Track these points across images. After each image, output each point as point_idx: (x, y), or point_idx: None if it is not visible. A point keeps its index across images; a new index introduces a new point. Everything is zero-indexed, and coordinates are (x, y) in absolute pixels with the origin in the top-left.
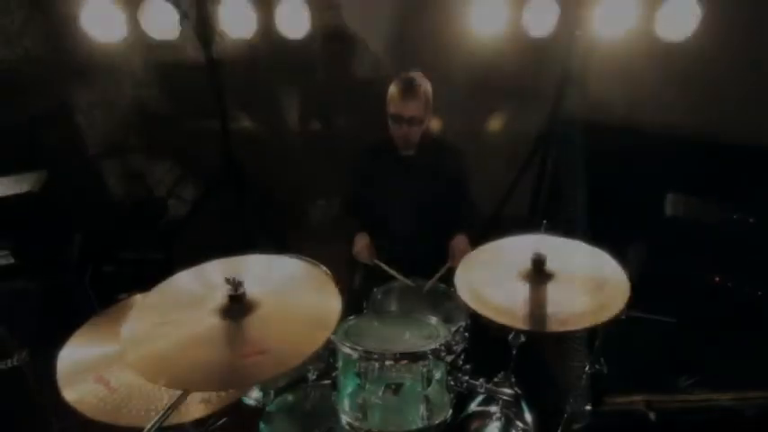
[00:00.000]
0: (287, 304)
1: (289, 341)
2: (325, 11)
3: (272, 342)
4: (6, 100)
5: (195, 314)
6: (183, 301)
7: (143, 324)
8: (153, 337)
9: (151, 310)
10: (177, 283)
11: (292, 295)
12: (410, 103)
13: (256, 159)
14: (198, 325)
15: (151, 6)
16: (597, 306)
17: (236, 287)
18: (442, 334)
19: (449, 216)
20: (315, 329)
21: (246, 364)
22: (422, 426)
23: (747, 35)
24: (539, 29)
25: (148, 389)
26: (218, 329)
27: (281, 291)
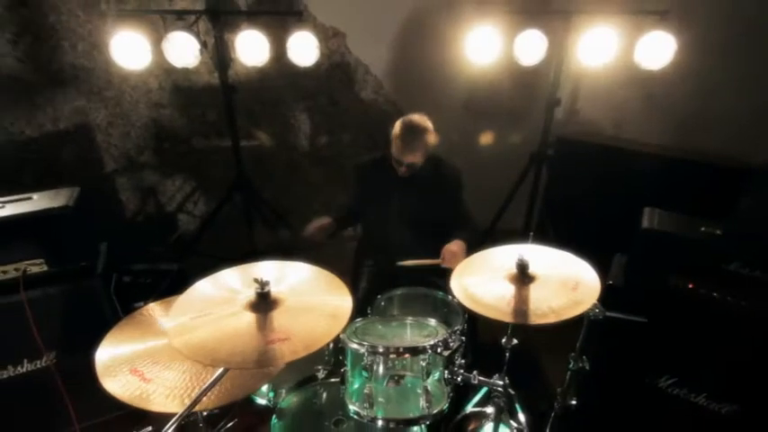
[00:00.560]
0: (305, 301)
1: (308, 331)
2: (331, 39)
3: (293, 331)
4: (32, 118)
5: (229, 309)
6: (216, 299)
7: (183, 317)
8: (193, 327)
9: (187, 307)
10: (204, 286)
11: (309, 293)
12: (410, 155)
13: (264, 175)
14: (232, 317)
15: (174, 37)
16: (572, 303)
17: (263, 286)
18: (440, 332)
19: (444, 229)
20: (330, 321)
21: (273, 348)
22: (422, 414)
23: (720, 62)
24: (529, 58)
25: (178, 379)
26: (249, 321)
27: (299, 290)
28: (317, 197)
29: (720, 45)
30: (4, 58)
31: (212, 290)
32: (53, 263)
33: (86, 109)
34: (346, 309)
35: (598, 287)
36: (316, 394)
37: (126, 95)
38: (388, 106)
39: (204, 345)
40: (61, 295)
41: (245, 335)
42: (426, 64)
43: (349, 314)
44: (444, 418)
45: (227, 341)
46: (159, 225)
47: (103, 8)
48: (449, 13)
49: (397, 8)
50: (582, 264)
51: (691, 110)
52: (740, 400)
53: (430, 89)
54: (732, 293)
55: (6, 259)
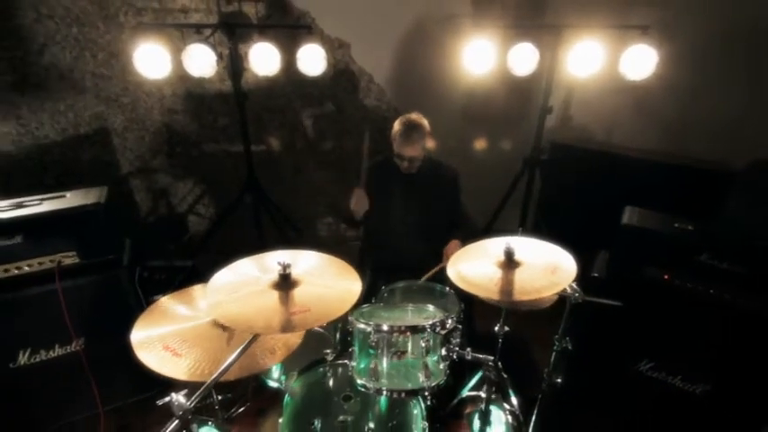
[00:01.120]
0: (320, 282)
1: (324, 305)
2: (337, 50)
3: (312, 305)
4: (55, 123)
5: (256, 288)
6: (243, 282)
7: (219, 296)
8: (228, 302)
9: (219, 289)
10: (227, 273)
11: (323, 276)
12: (409, 148)
13: (272, 178)
14: (259, 295)
15: (193, 49)
16: (551, 284)
17: (285, 268)
18: (438, 315)
19: (444, 225)
20: (343, 298)
21: (296, 318)
22: (421, 386)
23: (699, 73)
24: (522, 69)
25: (204, 355)
26: (274, 297)
27: (315, 273)
28: (322, 199)
29: (698, 57)
30: (31, 66)
31: (234, 276)
32: (84, 255)
33: (105, 114)
34: (356, 288)
35: (575, 270)
36: (325, 375)
37: (141, 102)
38: (391, 113)
39: (239, 316)
40: (91, 285)
41: (271, 308)
42: (426, 73)
43: (359, 293)
44: (442, 403)
45: (256, 313)
46: (171, 225)
47: (122, 20)
48: (447, 26)
49: (399, 21)
50: (562, 252)
51: (674, 117)
52: (712, 380)
53: (430, 97)
54: (703, 283)
55: (43, 251)
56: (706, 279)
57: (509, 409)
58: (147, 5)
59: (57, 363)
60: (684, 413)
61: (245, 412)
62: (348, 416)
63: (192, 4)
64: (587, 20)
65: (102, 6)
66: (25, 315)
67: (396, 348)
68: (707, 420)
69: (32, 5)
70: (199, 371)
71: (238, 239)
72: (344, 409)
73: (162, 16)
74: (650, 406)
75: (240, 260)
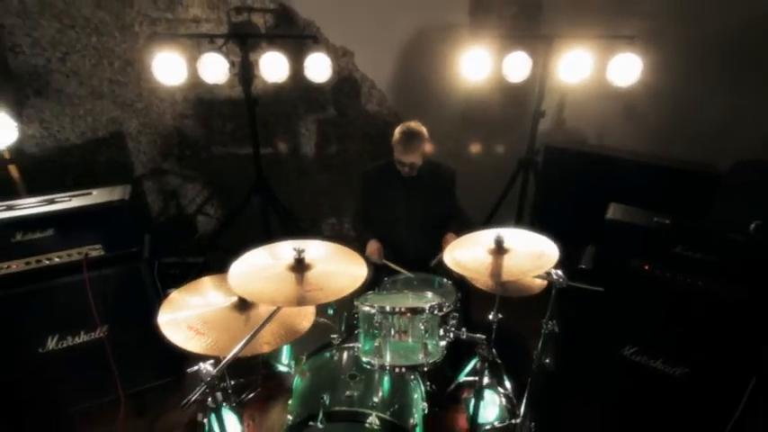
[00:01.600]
0: (330, 265)
1: (334, 284)
2: (341, 57)
3: (324, 284)
4: (75, 126)
5: (274, 271)
6: (261, 266)
7: (242, 277)
8: (250, 281)
9: (241, 273)
10: (243, 261)
11: (332, 261)
12: (409, 155)
13: (278, 180)
14: (277, 276)
15: (207, 57)
16: (535, 267)
17: (299, 253)
18: (436, 300)
19: (443, 220)
20: (351, 279)
21: (310, 294)
22: (420, 363)
23: (683, 79)
24: (516, 76)
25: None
26: (290, 278)
27: (325, 259)
28: (326, 200)
29: (683, 65)
30: (54, 73)
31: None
32: (109, 248)
33: (120, 119)
34: (362, 272)
35: (557, 255)
36: (332, 357)
37: (154, 107)
38: (392, 118)
39: (262, 293)
40: (114, 276)
41: (288, 287)
42: (426, 80)
43: (365, 275)
44: (441, 388)
45: (276, 290)
46: (180, 225)
47: (137, 30)
48: (446, 35)
49: (400, 30)
50: (546, 240)
51: (661, 121)
52: (690, 363)
53: (430, 102)
54: (680, 273)
55: (72, 244)
56: (682, 269)
57: (503, 392)
58: (161, 16)
59: (82, 348)
60: (665, 395)
61: (255, 398)
62: (354, 391)
63: (203, 15)
64: (577, 30)
65: (118, 17)
66: (54, 303)
67: (398, 329)
68: (686, 401)
69: (56, 16)
70: (219, 347)
71: (246, 238)
72: (351, 385)
73: (175, 26)
74: (634, 389)
75: (256, 249)
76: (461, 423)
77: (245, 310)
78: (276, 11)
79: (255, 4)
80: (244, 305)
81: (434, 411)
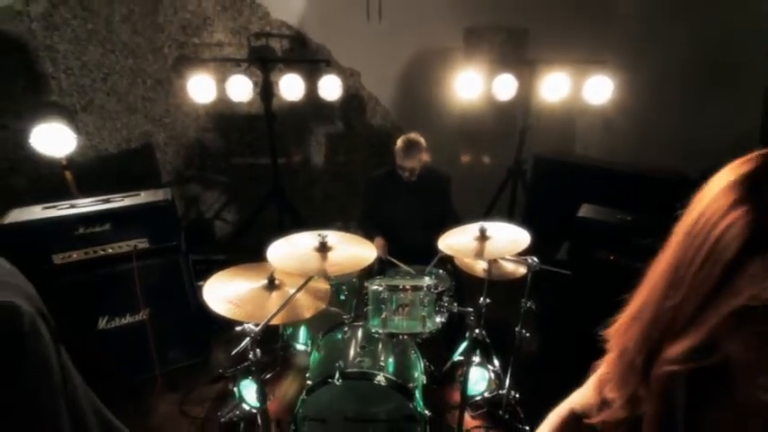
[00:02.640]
0: (347, 248)
1: (351, 260)
2: (349, 77)
3: (342, 261)
4: (112, 138)
5: (302, 252)
6: (291, 250)
7: (277, 258)
8: (286, 259)
9: (276, 255)
10: (279, 247)
11: (347, 245)
12: (409, 161)
13: (291, 187)
14: (305, 255)
15: (234, 79)
16: (510, 249)
17: (323, 238)
18: (432, 282)
19: (439, 219)
20: (363, 257)
21: (333, 268)
22: (420, 331)
23: (649, 97)
24: (504, 95)
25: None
26: (317, 257)
27: (341, 243)
28: (334, 205)
29: (648, 84)
30: (97, 92)
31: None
32: (154, 242)
33: (151, 132)
34: (371, 253)
35: (528, 240)
36: (344, 333)
37: (179, 121)
38: (394, 131)
39: (296, 267)
40: (157, 266)
41: (315, 262)
42: (425, 97)
43: (374, 256)
44: (438, 367)
45: (305, 265)
46: (200, 229)
47: (166, 51)
48: (443, 58)
49: (403, 54)
50: (520, 230)
51: (635, 133)
52: None
53: (429, 117)
54: (638, 261)
55: (123, 237)
56: (641, 257)
57: (492, 369)
58: (188, 40)
59: (127, 329)
60: None
61: (275, 376)
62: (364, 358)
63: (226, 39)
64: (555, 56)
65: (151, 41)
66: (107, 288)
67: (401, 302)
68: None
69: (101, 42)
70: (255, 316)
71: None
72: (361, 354)
73: (201, 49)
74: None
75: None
76: (456, 396)
77: (273, 289)
78: (291, 36)
79: (273, 30)
80: (271, 286)
81: (433, 387)
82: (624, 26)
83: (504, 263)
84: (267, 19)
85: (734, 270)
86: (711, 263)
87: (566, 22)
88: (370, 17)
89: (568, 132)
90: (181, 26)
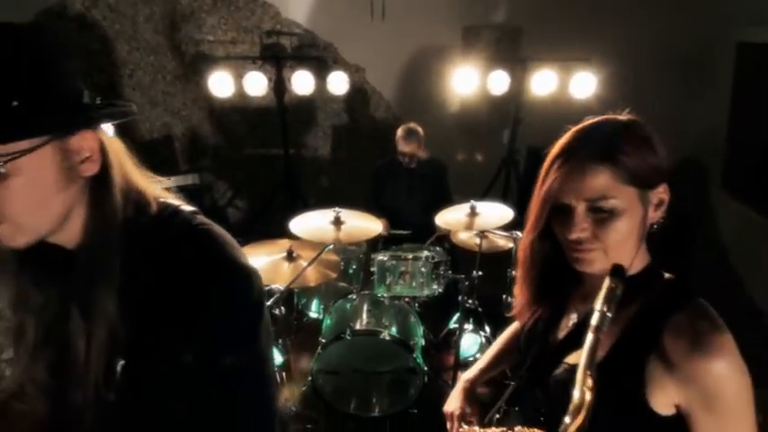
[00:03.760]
0: (357, 221)
1: (360, 231)
2: (354, 73)
3: (353, 231)
4: (137, 130)
5: (322, 224)
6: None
7: (301, 229)
8: (307, 230)
9: (300, 226)
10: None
11: (357, 219)
12: (407, 146)
13: (302, 175)
14: (324, 227)
15: (251, 75)
16: (496, 223)
17: (337, 213)
18: (431, 253)
19: (436, 205)
20: (370, 228)
21: (345, 237)
22: (418, 294)
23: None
24: (497, 90)
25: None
26: (332, 228)
27: (352, 218)
28: (340, 193)
29: (628, 79)
30: (124, 87)
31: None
32: None
33: (170, 124)
34: (378, 226)
35: (511, 215)
36: (353, 300)
37: (195, 114)
38: (396, 123)
39: (314, 235)
40: None
41: (331, 232)
42: (426, 91)
43: (381, 228)
44: (435, 334)
45: (323, 234)
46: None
47: (183, 49)
48: (442, 55)
49: (405, 51)
50: (506, 207)
51: None
52: None
53: (428, 110)
54: None
55: None
56: None
57: (483, 334)
58: (203, 38)
59: None
60: None
61: (290, 341)
62: (371, 319)
63: (239, 37)
64: (544, 54)
65: (171, 39)
66: None
67: (403, 269)
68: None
69: (127, 41)
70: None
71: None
72: (369, 316)
73: (215, 46)
74: None
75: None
76: (451, 359)
77: (291, 261)
78: (300, 35)
79: (283, 28)
80: (290, 257)
81: (431, 353)
82: (608, 26)
83: (494, 238)
84: (278, 18)
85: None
86: (543, 202)
87: (557, 21)
88: (374, 16)
89: (560, 126)
90: (197, 25)
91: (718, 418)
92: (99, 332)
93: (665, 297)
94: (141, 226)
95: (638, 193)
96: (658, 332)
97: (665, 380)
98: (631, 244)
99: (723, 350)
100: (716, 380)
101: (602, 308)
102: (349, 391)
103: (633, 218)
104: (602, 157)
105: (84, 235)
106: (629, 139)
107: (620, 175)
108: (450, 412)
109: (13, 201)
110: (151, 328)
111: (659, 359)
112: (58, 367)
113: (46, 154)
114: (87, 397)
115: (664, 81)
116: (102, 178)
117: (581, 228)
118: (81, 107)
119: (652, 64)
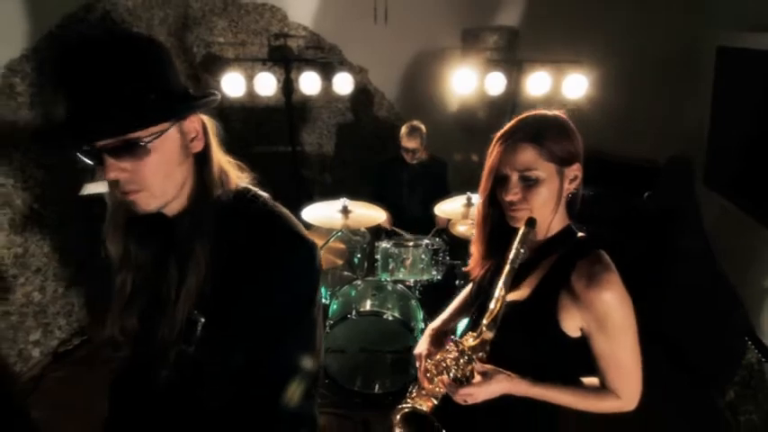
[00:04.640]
0: (362, 209)
1: (365, 218)
2: (358, 74)
3: (359, 218)
4: None
5: (330, 213)
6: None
7: (313, 216)
8: (318, 218)
9: (312, 214)
10: (310, 209)
11: (362, 209)
12: (411, 142)
13: (311, 171)
14: (333, 215)
15: (261, 76)
16: None
17: (345, 204)
18: (431, 242)
19: (436, 197)
20: (374, 216)
21: (353, 223)
22: (419, 278)
23: (622, 92)
24: (494, 90)
25: None
26: (341, 216)
27: (358, 207)
28: (344, 189)
29: (617, 81)
30: None
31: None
32: None
33: None
34: (382, 214)
35: None
36: (358, 285)
37: (205, 112)
38: (398, 122)
39: (324, 222)
40: None
41: (340, 220)
42: (426, 92)
43: (384, 216)
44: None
45: (333, 222)
46: None
47: (195, 50)
48: (442, 57)
49: (407, 53)
50: None
51: (613, 125)
52: None
53: (428, 109)
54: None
55: None
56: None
57: None
58: (214, 40)
59: None
60: None
61: None
62: (375, 301)
63: (248, 39)
64: (538, 56)
65: (182, 41)
66: None
67: (405, 256)
68: None
69: None
70: None
71: None
72: (372, 299)
73: (225, 48)
74: None
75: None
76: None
77: None
78: (306, 37)
79: (290, 31)
80: None
81: None
82: (598, 31)
83: None
84: (285, 21)
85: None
86: (488, 172)
87: (551, 25)
88: (377, 20)
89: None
90: (208, 28)
91: (608, 335)
92: (190, 280)
93: (576, 249)
94: (227, 204)
95: (557, 169)
96: (568, 273)
97: (571, 308)
98: (551, 207)
99: (611, 284)
100: (605, 306)
101: (518, 246)
102: (354, 369)
103: (552, 186)
104: (530, 139)
105: (189, 202)
106: (551, 128)
107: (542, 154)
108: (418, 353)
109: (151, 173)
110: (232, 289)
111: (567, 293)
112: (147, 314)
113: (172, 135)
114: (169, 343)
115: (649, 82)
116: (204, 155)
117: (514, 192)
118: (190, 97)
119: (639, 66)
